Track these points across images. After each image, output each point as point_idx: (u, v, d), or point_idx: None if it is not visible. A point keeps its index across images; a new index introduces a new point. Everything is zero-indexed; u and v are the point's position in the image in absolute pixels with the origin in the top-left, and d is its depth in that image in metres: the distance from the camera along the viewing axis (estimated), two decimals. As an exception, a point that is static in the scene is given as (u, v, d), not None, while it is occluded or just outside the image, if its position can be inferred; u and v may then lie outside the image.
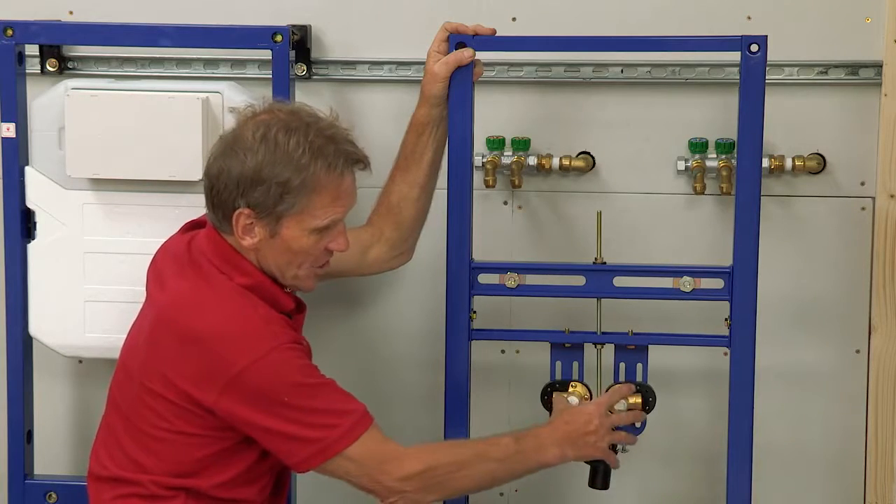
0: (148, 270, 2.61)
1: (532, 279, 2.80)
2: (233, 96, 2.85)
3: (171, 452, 2.49)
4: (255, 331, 2.44)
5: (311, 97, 2.96)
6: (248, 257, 2.51)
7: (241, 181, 2.44)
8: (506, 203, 3.07)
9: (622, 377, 2.80)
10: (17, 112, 2.89)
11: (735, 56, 2.66)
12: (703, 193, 2.95)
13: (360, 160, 2.52)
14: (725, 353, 2.77)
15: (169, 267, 2.57)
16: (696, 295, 2.74)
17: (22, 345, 2.95)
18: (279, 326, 2.48)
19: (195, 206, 2.77)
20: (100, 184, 2.89)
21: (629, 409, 2.77)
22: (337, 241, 2.53)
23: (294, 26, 2.93)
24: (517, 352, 3.09)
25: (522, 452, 2.57)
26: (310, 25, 3.02)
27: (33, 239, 2.93)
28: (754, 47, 2.64)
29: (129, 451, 2.53)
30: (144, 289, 2.61)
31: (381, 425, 3.14)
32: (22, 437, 2.97)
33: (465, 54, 2.70)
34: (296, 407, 2.43)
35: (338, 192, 2.49)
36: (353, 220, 2.94)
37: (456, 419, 2.76)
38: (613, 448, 2.72)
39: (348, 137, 2.52)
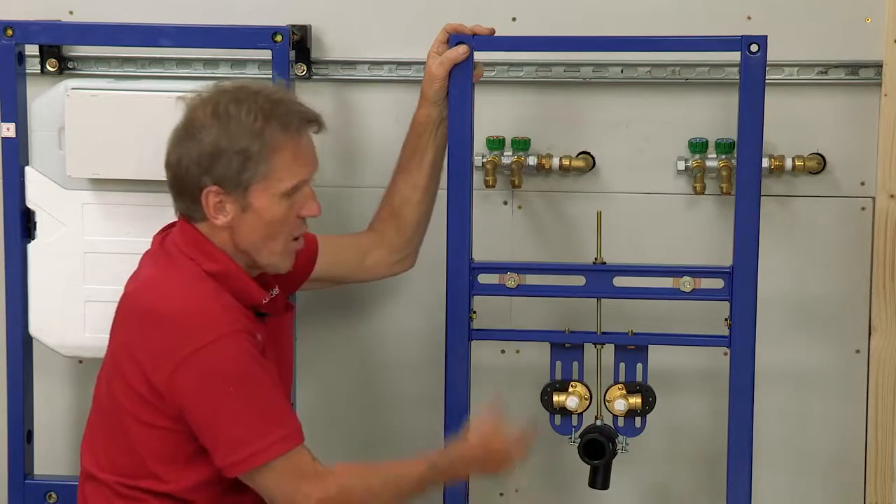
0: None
1: (532, 279, 2.80)
2: (233, 96, 2.84)
3: (136, 445, 2.47)
4: (213, 314, 2.43)
5: (311, 97, 2.94)
6: (219, 245, 2.50)
7: (201, 159, 2.45)
8: (506, 203, 3.07)
9: (622, 377, 2.80)
10: (17, 112, 2.88)
11: (735, 56, 2.66)
12: (703, 193, 2.95)
13: (313, 119, 2.52)
14: (725, 353, 2.77)
15: (143, 262, 2.59)
16: (696, 295, 2.74)
17: (22, 345, 2.95)
18: (238, 315, 2.46)
19: (195, 206, 2.78)
20: (100, 184, 2.88)
21: (628, 411, 2.78)
22: (308, 205, 2.51)
23: (294, 26, 2.93)
24: (517, 352, 3.09)
25: (433, 481, 2.54)
26: (310, 25, 3.02)
27: (33, 239, 2.93)
28: (754, 47, 2.64)
29: (105, 446, 2.53)
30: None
31: (381, 426, 3.17)
32: (22, 437, 2.97)
33: (459, 50, 2.70)
34: (241, 399, 2.40)
35: (297, 151, 2.48)
36: (356, 225, 2.95)
37: (456, 419, 2.76)
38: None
39: (297, 100, 2.53)
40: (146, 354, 2.44)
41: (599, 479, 2.81)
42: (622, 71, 2.98)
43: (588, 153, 3.03)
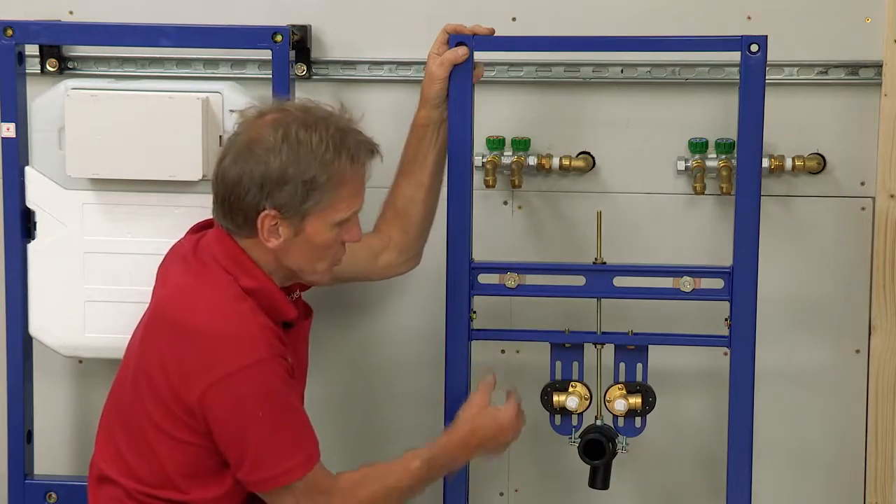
0: (157, 272, 2.61)
1: (532, 279, 2.80)
2: (233, 96, 2.84)
3: (159, 456, 2.48)
4: (251, 336, 2.42)
5: (311, 97, 2.95)
6: (259, 260, 2.49)
7: (265, 183, 2.41)
8: (506, 203, 3.07)
9: (622, 377, 2.80)
10: (17, 112, 2.88)
11: (735, 56, 2.66)
12: (703, 193, 2.95)
13: (374, 148, 2.52)
14: (725, 353, 2.77)
15: (174, 265, 2.57)
16: (696, 295, 2.74)
17: (22, 345, 2.95)
18: (273, 338, 2.46)
19: (195, 206, 2.78)
20: (100, 184, 2.88)
21: (628, 411, 2.78)
22: (351, 232, 2.53)
23: (294, 26, 2.93)
24: (517, 352, 3.09)
25: (431, 477, 2.61)
26: (310, 25, 3.02)
27: (33, 239, 2.93)
28: (754, 47, 2.64)
29: (122, 451, 2.53)
30: (145, 289, 2.61)
31: (381, 425, 3.17)
32: (22, 437, 2.97)
33: (459, 52, 2.70)
34: (268, 423, 2.42)
35: (358, 183, 2.49)
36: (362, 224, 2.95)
37: (456, 419, 2.76)
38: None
39: (358, 128, 2.52)
40: (178, 370, 2.43)
41: (599, 479, 2.81)
42: (622, 71, 2.98)
43: (588, 153, 3.03)
